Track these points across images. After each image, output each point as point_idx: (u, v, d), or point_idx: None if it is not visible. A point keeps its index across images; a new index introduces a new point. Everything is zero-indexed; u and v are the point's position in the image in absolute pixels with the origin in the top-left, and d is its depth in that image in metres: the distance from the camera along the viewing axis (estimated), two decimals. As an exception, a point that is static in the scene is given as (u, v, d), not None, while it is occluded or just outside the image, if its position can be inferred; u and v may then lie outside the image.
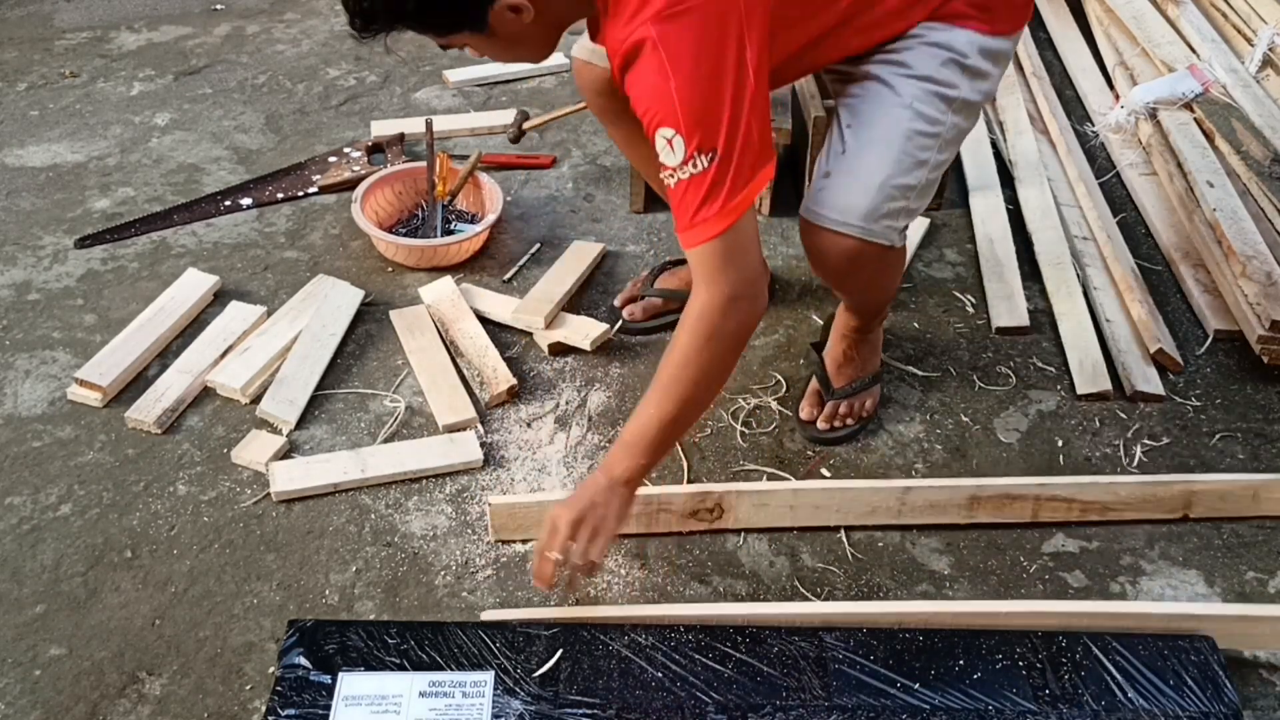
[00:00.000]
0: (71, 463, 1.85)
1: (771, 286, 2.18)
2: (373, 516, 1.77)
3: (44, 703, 1.49)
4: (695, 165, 1.37)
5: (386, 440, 1.90)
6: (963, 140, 1.67)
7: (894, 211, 1.60)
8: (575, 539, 1.47)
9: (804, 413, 1.93)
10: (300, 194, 2.53)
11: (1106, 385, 2.01)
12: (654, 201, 2.46)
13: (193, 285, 2.18)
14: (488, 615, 1.58)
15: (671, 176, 1.40)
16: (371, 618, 1.61)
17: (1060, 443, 1.93)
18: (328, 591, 1.65)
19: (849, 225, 1.57)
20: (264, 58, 3.13)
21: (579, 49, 1.89)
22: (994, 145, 2.68)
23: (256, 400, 1.96)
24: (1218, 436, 1.94)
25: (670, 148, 1.38)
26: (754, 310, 1.47)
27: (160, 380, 1.97)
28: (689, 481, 1.83)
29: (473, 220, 2.42)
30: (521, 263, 2.31)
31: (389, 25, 1.44)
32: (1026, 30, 3.15)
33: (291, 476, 1.80)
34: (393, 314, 2.16)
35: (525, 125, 2.65)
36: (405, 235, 2.36)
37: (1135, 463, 1.89)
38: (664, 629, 1.50)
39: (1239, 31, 2.85)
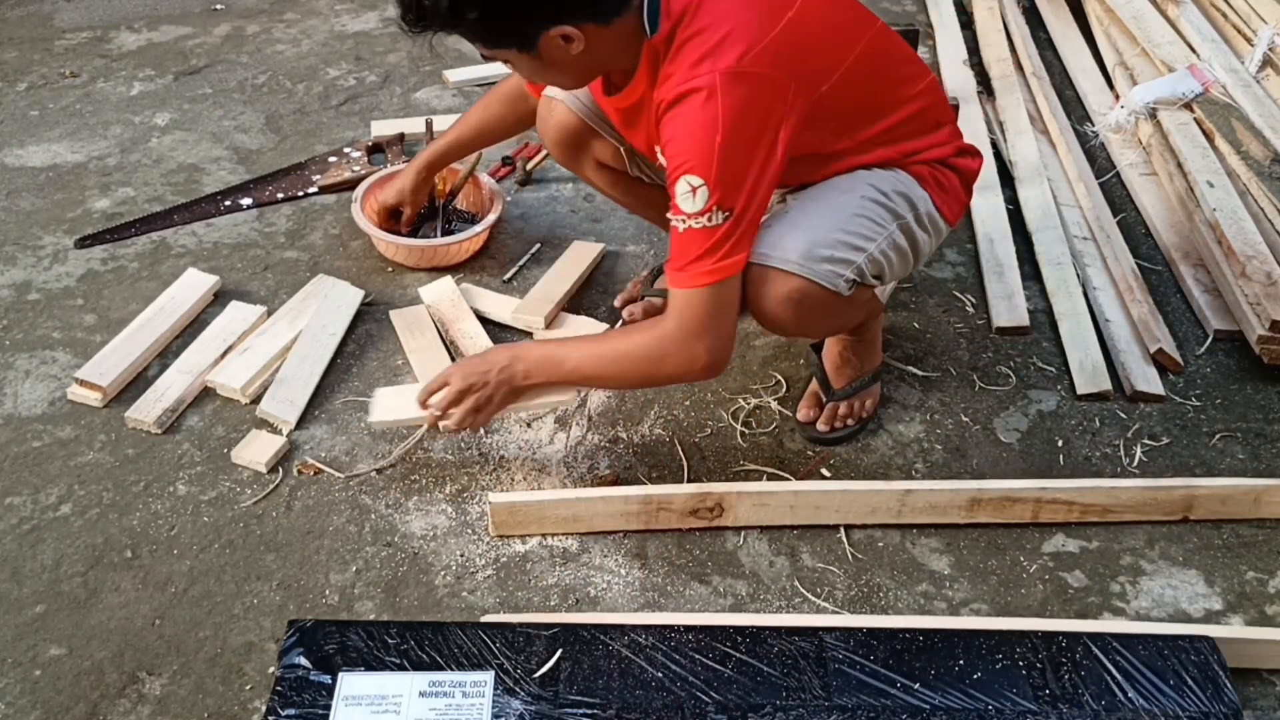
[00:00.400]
0: (71, 463, 1.85)
1: None
2: (373, 516, 1.77)
3: (44, 703, 1.49)
4: (710, 219, 1.47)
5: (404, 455, 1.89)
6: (903, 258, 1.69)
7: (835, 259, 1.58)
8: (457, 405, 1.66)
9: (802, 415, 1.93)
10: (300, 194, 2.53)
11: (1106, 385, 2.01)
12: (654, 201, 2.46)
13: (193, 285, 2.18)
14: (488, 619, 1.58)
15: (682, 221, 1.49)
16: (371, 618, 1.61)
17: (1060, 443, 1.93)
18: (328, 591, 1.65)
19: (788, 263, 1.55)
20: (264, 58, 3.13)
21: (552, 89, 1.87)
22: (994, 145, 2.68)
23: (256, 400, 1.96)
24: (1218, 436, 1.95)
25: (692, 195, 1.46)
26: (704, 367, 1.57)
27: (160, 380, 1.97)
28: (689, 481, 1.83)
29: (473, 220, 2.41)
30: (521, 263, 2.31)
31: (443, 29, 1.47)
32: (1027, 30, 3.18)
33: (390, 406, 1.79)
34: (393, 314, 2.16)
35: (529, 167, 2.60)
36: (405, 235, 2.36)
37: (1135, 463, 1.89)
38: (664, 629, 1.50)
39: (1239, 31, 2.85)
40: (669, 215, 1.52)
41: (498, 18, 1.43)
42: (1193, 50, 2.80)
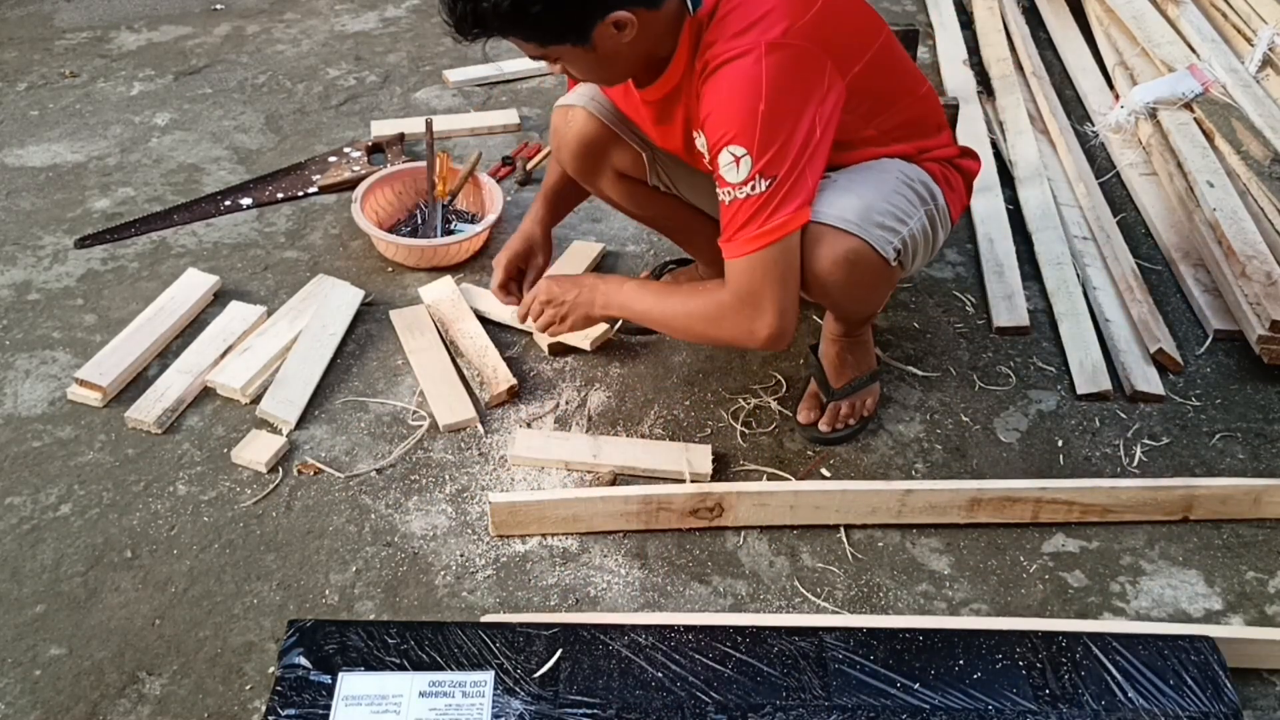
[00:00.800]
0: (71, 463, 1.85)
1: None
2: (373, 516, 1.77)
3: (44, 703, 1.49)
4: (754, 187, 1.49)
5: (406, 452, 1.90)
6: (925, 244, 1.72)
7: (886, 225, 1.62)
8: (544, 309, 1.80)
9: (803, 416, 1.93)
10: (300, 194, 2.53)
11: (1106, 385, 2.01)
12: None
13: (193, 285, 2.18)
14: (488, 619, 1.58)
15: (728, 193, 1.52)
16: (371, 618, 1.61)
17: (1060, 443, 1.93)
18: (328, 591, 1.65)
19: (846, 222, 1.58)
20: (264, 58, 3.13)
21: (569, 97, 1.88)
22: (994, 145, 2.68)
23: (256, 400, 1.96)
24: (1218, 436, 1.95)
25: (736, 165, 1.49)
26: (766, 338, 1.59)
27: (160, 380, 1.97)
28: (689, 480, 1.83)
29: (473, 220, 2.42)
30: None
31: (499, 32, 1.48)
32: (1027, 30, 3.18)
33: (530, 445, 1.86)
34: (393, 314, 2.16)
35: (530, 167, 2.53)
36: (405, 235, 2.36)
37: (1135, 463, 1.89)
38: (664, 629, 1.50)
39: (1239, 31, 2.85)
40: (715, 189, 1.55)
41: (561, 9, 1.43)
42: (1193, 50, 2.80)
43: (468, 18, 1.46)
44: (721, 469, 1.86)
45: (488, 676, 1.44)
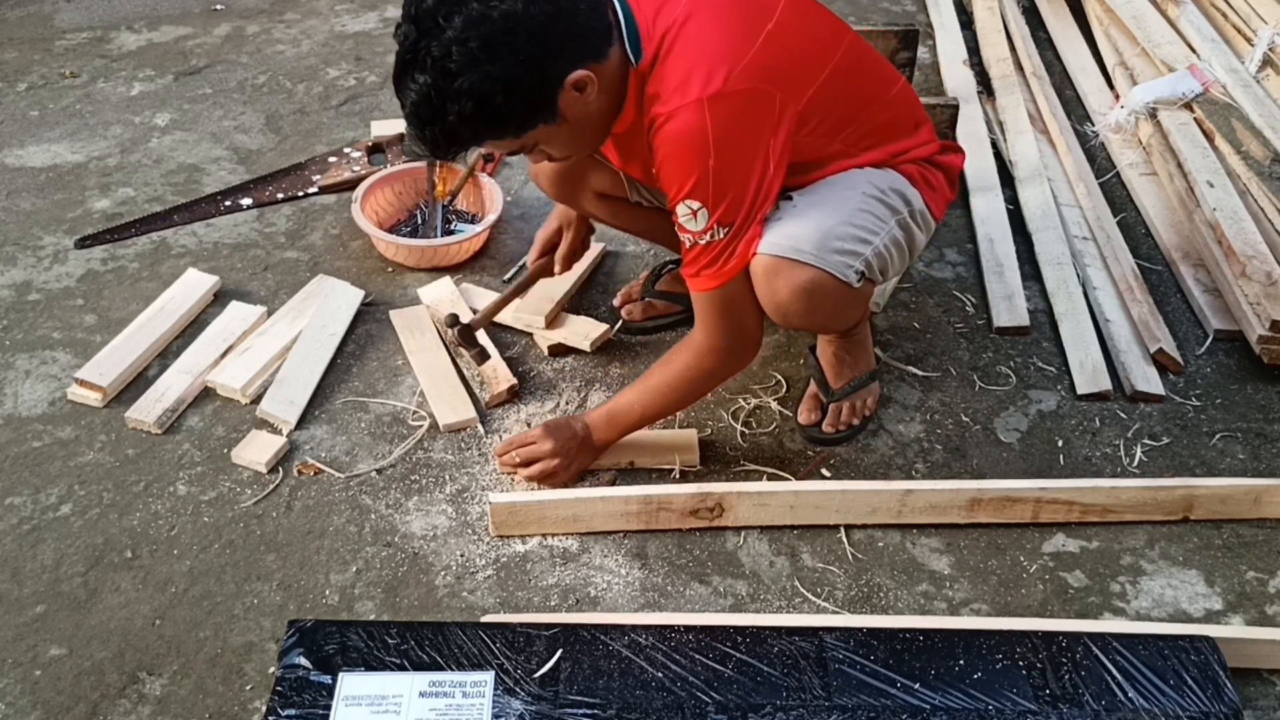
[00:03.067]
0: (71, 463, 1.85)
1: None
2: (373, 516, 1.77)
3: (44, 703, 1.49)
4: (713, 235, 1.56)
5: (406, 452, 1.90)
6: (901, 253, 1.72)
7: (845, 250, 1.61)
8: (545, 470, 1.79)
9: (803, 417, 1.93)
10: (300, 194, 2.53)
11: (1107, 385, 2.01)
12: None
13: (193, 285, 2.18)
14: (489, 619, 1.58)
15: (689, 239, 1.58)
16: (371, 618, 1.61)
17: (1060, 443, 1.93)
18: (328, 591, 1.65)
19: (801, 253, 1.57)
20: (264, 58, 3.13)
21: None
22: (994, 145, 2.68)
23: (256, 400, 1.96)
24: (1218, 436, 1.95)
25: (694, 217, 1.54)
26: (738, 362, 1.73)
27: (160, 380, 1.97)
28: (689, 481, 1.83)
29: (473, 220, 2.42)
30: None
31: (473, 141, 1.49)
32: (1027, 30, 3.18)
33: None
34: (393, 314, 2.16)
35: (472, 324, 2.00)
36: (405, 235, 2.36)
37: (1135, 463, 1.89)
38: (664, 629, 1.50)
39: (1239, 31, 2.85)
40: (677, 230, 1.58)
41: (521, 90, 1.42)
42: (1193, 50, 2.80)
43: (440, 140, 1.46)
44: (722, 469, 1.86)
45: (488, 677, 1.44)
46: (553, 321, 2.11)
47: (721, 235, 1.55)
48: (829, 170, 1.66)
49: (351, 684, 1.43)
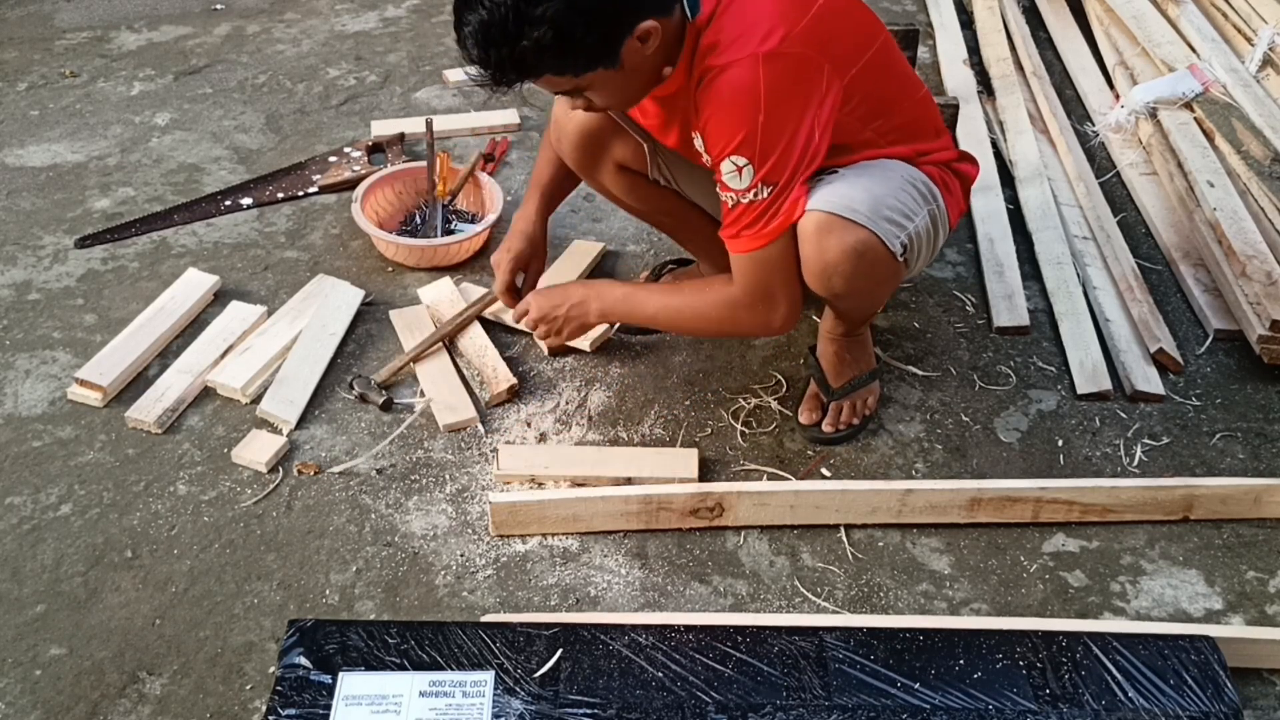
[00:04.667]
0: (72, 463, 1.85)
1: None
2: (373, 516, 1.77)
3: (44, 702, 1.49)
4: (758, 194, 1.55)
5: (398, 440, 1.90)
6: (927, 245, 1.73)
7: (893, 220, 1.62)
8: (539, 331, 1.82)
9: (804, 417, 1.93)
10: (300, 194, 2.53)
11: (1107, 385, 2.01)
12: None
13: (193, 285, 2.18)
14: (489, 619, 1.58)
15: (731, 198, 1.57)
16: (372, 617, 1.61)
17: (1060, 442, 1.93)
18: (328, 591, 1.65)
19: (856, 213, 1.58)
20: (264, 58, 3.13)
21: (563, 104, 1.88)
22: (994, 145, 2.68)
23: (257, 400, 1.96)
24: (1218, 436, 1.95)
25: (739, 174, 1.53)
26: (764, 326, 1.70)
27: (160, 380, 1.97)
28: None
29: (473, 220, 2.42)
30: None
31: (535, 73, 1.48)
32: (1027, 29, 3.18)
33: (515, 460, 1.82)
34: (393, 314, 2.16)
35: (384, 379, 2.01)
36: (405, 235, 2.36)
37: (1135, 463, 1.89)
38: (664, 629, 1.50)
39: (1239, 31, 2.85)
40: (717, 190, 1.58)
41: (598, 29, 1.43)
42: (1193, 50, 2.80)
43: (505, 64, 1.45)
44: (722, 469, 1.86)
45: (488, 676, 1.44)
46: (553, 321, 2.11)
47: (765, 195, 1.54)
48: (861, 156, 1.67)
49: (352, 683, 1.43)
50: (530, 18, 1.39)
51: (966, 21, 3.29)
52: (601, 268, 2.31)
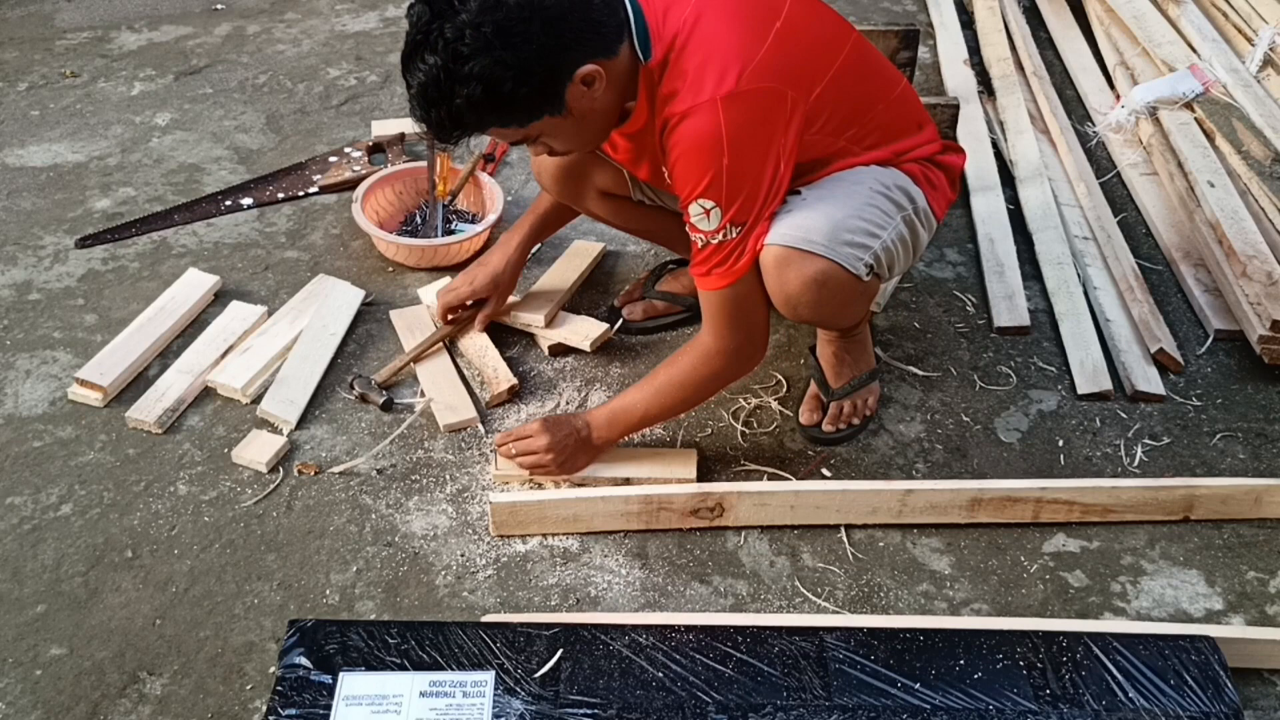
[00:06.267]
0: (72, 463, 1.85)
1: None
2: (373, 516, 1.77)
3: (44, 702, 1.49)
4: (726, 235, 1.56)
5: (399, 440, 1.90)
6: (906, 250, 1.73)
7: (855, 243, 1.61)
8: (539, 463, 1.76)
9: (804, 417, 1.93)
10: (301, 194, 2.53)
11: (1107, 385, 2.01)
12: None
13: (193, 285, 2.18)
14: (489, 619, 1.58)
15: (700, 239, 1.58)
16: (372, 618, 1.61)
17: (1061, 442, 1.93)
18: (328, 591, 1.65)
19: (813, 244, 1.58)
20: (264, 58, 3.13)
21: None
22: (994, 145, 2.68)
23: (257, 400, 1.96)
24: (1218, 436, 1.94)
25: (706, 216, 1.55)
26: (745, 363, 1.72)
27: (161, 380, 1.97)
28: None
29: (473, 220, 2.42)
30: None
31: (477, 127, 1.48)
32: (1027, 29, 3.18)
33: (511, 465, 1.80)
34: (393, 314, 2.16)
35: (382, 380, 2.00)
36: (406, 235, 2.36)
37: (1136, 463, 1.89)
38: (664, 629, 1.50)
39: (1239, 31, 2.84)
40: (687, 230, 1.58)
41: (529, 81, 1.42)
42: (1193, 50, 2.80)
43: (444, 122, 1.46)
44: (722, 469, 1.86)
45: (488, 676, 1.44)
46: (553, 321, 2.11)
47: (734, 235, 1.56)
48: (834, 168, 1.66)
49: (352, 683, 1.43)
50: (459, 76, 1.40)
51: (967, 21, 3.29)
52: (601, 267, 2.31)
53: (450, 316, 2.06)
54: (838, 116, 1.61)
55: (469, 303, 2.07)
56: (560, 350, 2.09)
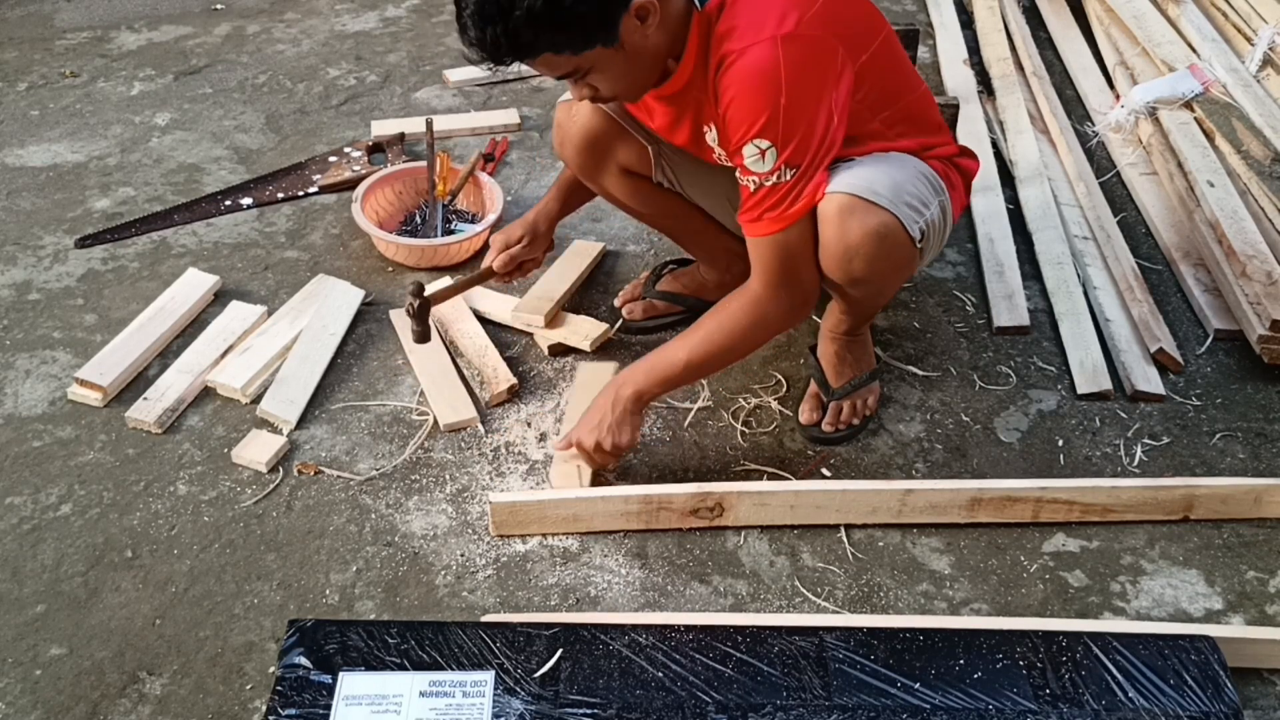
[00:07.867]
0: (72, 462, 1.85)
1: None
2: (373, 516, 1.77)
3: (44, 702, 1.49)
4: (780, 176, 1.55)
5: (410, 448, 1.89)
6: (937, 236, 1.75)
7: (913, 205, 1.64)
8: (597, 455, 1.72)
9: (804, 417, 1.93)
10: (300, 194, 2.53)
11: (1107, 385, 2.01)
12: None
13: (193, 285, 2.18)
14: (489, 619, 1.58)
15: (753, 181, 1.56)
16: (372, 617, 1.61)
17: (1061, 442, 1.93)
18: (328, 591, 1.65)
19: (879, 196, 1.59)
20: (264, 57, 3.13)
21: (565, 108, 1.90)
22: (994, 145, 2.68)
23: (257, 400, 1.96)
24: (1218, 436, 1.94)
25: (761, 157, 1.54)
26: (792, 314, 1.69)
27: (160, 380, 1.97)
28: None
29: (473, 220, 2.42)
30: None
31: (530, 50, 1.47)
32: (1027, 29, 3.18)
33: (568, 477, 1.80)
34: (393, 314, 2.16)
35: (434, 297, 1.97)
36: (406, 235, 2.36)
37: (1135, 462, 1.89)
38: (664, 629, 1.50)
39: (1239, 31, 2.85)
40: (738, 176, 1.58)
41: (576, 14, 1.43)
42: (1193, 50, 2.80)
43: (500, 41, 1.45)
44: (722, 469, 1.86)
45: (488, 676, 1.44)
46: (553, 321, 2.11)
47: (788, 177, 1.55)
48: (869, 148, 1.67)
49: (352, 683, 1.43)
50: None
51: (967, 21, 3.29)
52: (602, 267, 2.31)
53: (501, 257, 1.99)
54: (875, 93, 1.63)
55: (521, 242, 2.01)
56: (560, 350, 2.09)
